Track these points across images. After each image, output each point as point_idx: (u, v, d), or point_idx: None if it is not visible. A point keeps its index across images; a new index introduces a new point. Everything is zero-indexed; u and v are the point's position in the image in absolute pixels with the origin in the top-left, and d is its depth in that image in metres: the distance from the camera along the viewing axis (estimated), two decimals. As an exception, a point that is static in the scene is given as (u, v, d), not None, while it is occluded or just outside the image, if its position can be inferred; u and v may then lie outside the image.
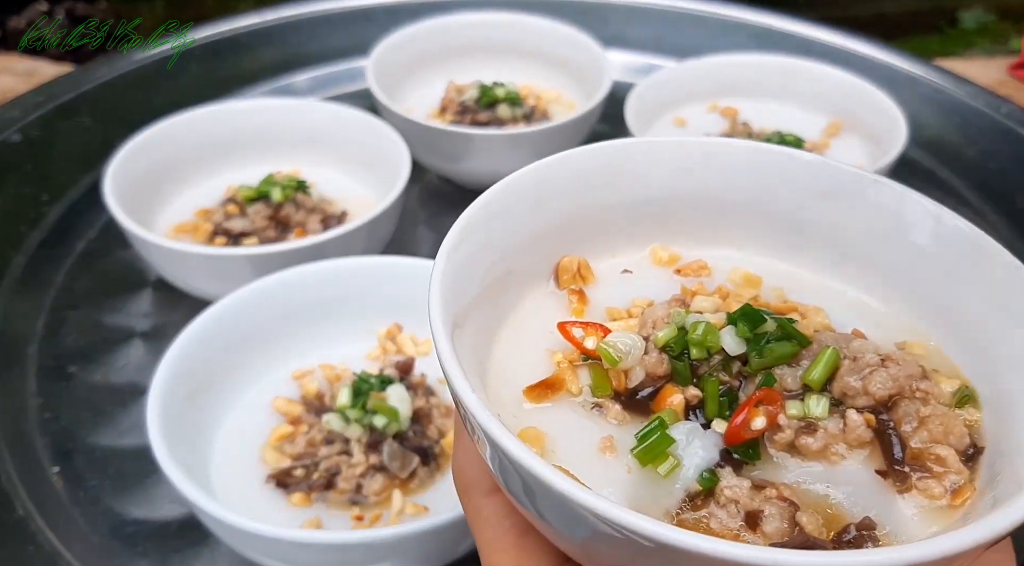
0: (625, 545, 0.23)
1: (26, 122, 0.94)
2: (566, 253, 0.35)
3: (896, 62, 1.08)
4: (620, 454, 0.29)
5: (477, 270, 0.32)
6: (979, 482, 0.30)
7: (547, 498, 0.24)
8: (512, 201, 0.33)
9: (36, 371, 0.71)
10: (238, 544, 0.51)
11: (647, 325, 0.33)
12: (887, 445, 0.30)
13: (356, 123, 0.85)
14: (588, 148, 0.35)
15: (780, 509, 0.28)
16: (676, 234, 0.37)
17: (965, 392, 0.32)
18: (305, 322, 0.65)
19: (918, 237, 0.34)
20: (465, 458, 0.33)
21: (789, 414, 0.30)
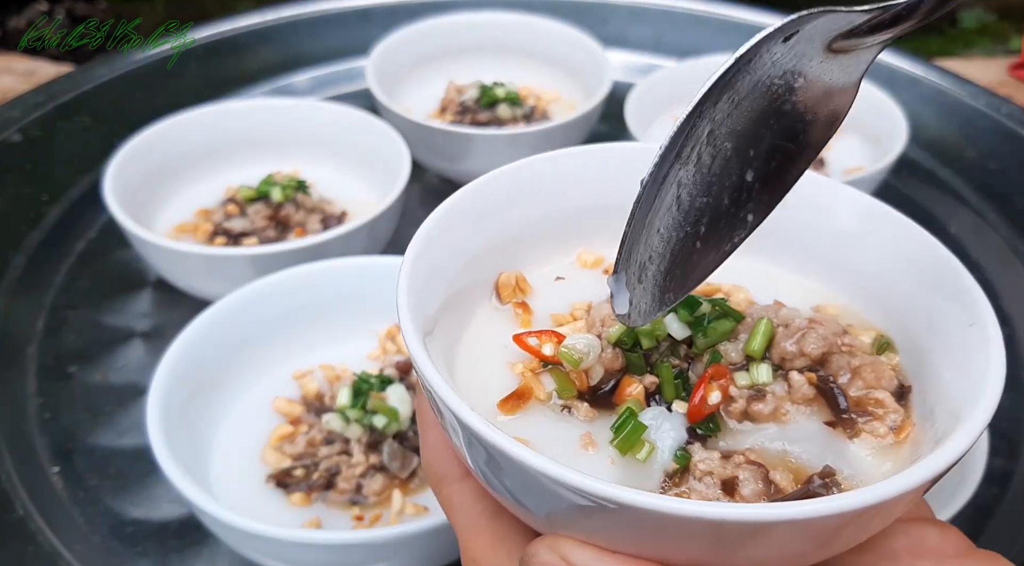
0: (585, 511, 0.25)
1: (26, 122, 0.94)
2: (502, 269, 0.37)
3: (896, 62, 1.08)
4: (600, 447, 0.31)
5: (434, 290, 0.33)
6: (915, 416, 0.33)
7: (512, 470, 0.26)
8: (456, 222, 0.34)
9: (36, 371, 0.71)
10: (238, 544, 0.51)
11: (596, 325, 0.34)
12: (831, 398, 0.32)
13: (356, 123, 0.85)
14: (513, 166, 0.36)
15: (752, 472, 0.30)
16: (599, 237, 0.39)
17: (882, 340, 0.35)
18: (305, 322, 0.65)
19: (820, 210, 0.37)
20: (433, 452, 0.34)
21: (739, 385, 0.32)
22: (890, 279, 0.36)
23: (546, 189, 0.37)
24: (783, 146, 0.29)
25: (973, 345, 0.31)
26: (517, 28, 1.04)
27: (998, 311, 0.92)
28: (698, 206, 0.29)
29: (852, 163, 0.89)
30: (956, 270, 0.33)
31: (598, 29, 1.03)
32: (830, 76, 0.28)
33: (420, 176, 0.93)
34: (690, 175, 0.28)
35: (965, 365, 0.31)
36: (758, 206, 0.29)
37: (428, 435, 0.34)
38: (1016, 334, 0.78)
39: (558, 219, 0.38)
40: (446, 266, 0.34)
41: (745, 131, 0.28)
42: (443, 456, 0.33)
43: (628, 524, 0.25)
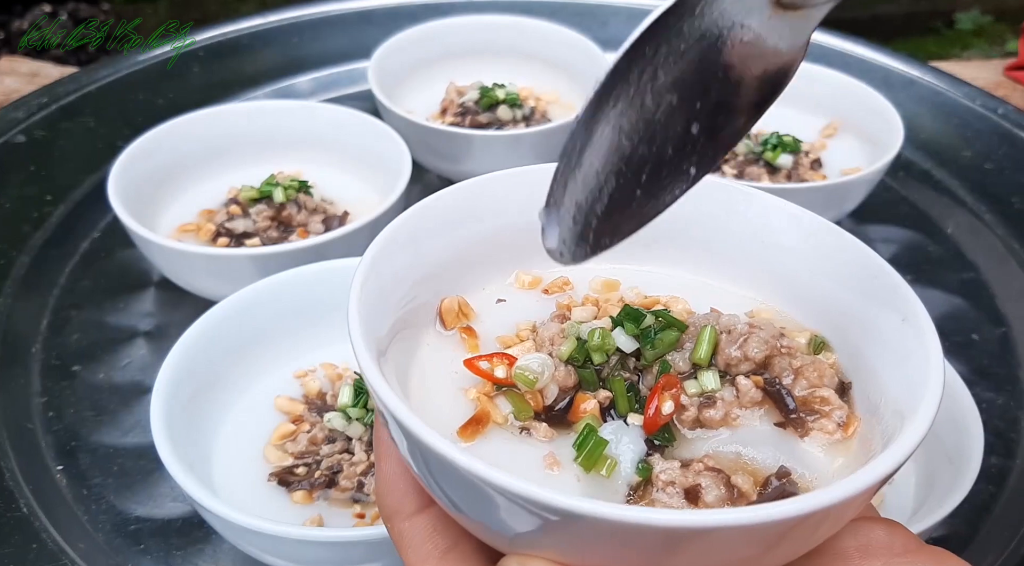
0: (551, 526, 0.25)
1: (30, 123, 0.95)
2: (444, 294, 0.37)
3: (893, 63, 1.09)
4: (565, 466, 0.31)
5: (383, 315, 0.33)
6: (859, 411, 0.34)
7: (474, 490, 0.26)
8: (398, 246, 0.34)
9: (40, 370, 0.72)
10: (240, 542, 0.52)
11: (545, 344, 0.34)
12: (778, 400, 0.33)
13: (357, 124, 0.86)
14: (449, 190, 0.36)
15: (713, 479, 0.30)
16: (534, 257, 0.38)
17: (817, 340, 0.36)
18: (307, 322, 0.66)
19: (748, 221, 0.38)
20: (385, 485, 0.33)
21: (689, 393, 0.33)
22: (819, 282, 0.37)
23: (482, 211, 0.37)
24: (729, 101, 0.28)
25: (908, 340, 0.32)
26: (517, 30, 1.04)
27: (994, 311, 0.93)
28: (640, 153, 0.28)
29: (849, 164, 0.89)
30: (883, 269, 0.34)
31: (597, 31, 1.04)
32: (778, 34, 0.27)
33: (421, 177, 0.93)
34: (633, 121, 0.27)
35: (903, 361, 0.32)
36: (702, 160, 0.29)
37: (382, 467, 0.34)
38: (1011, 333, 0.79)
39: (494, 241, 0.38)
40: (391, 291, 0.34)
41: (691, 82, 0.27)
42: (396, 489, 0.33)
43: (589, 536, 0.25)
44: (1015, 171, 0.96)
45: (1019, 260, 0.86)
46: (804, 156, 0.88)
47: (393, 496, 0.33)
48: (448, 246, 0.36)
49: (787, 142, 0.87)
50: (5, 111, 0.95)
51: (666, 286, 0.39)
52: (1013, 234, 0.89)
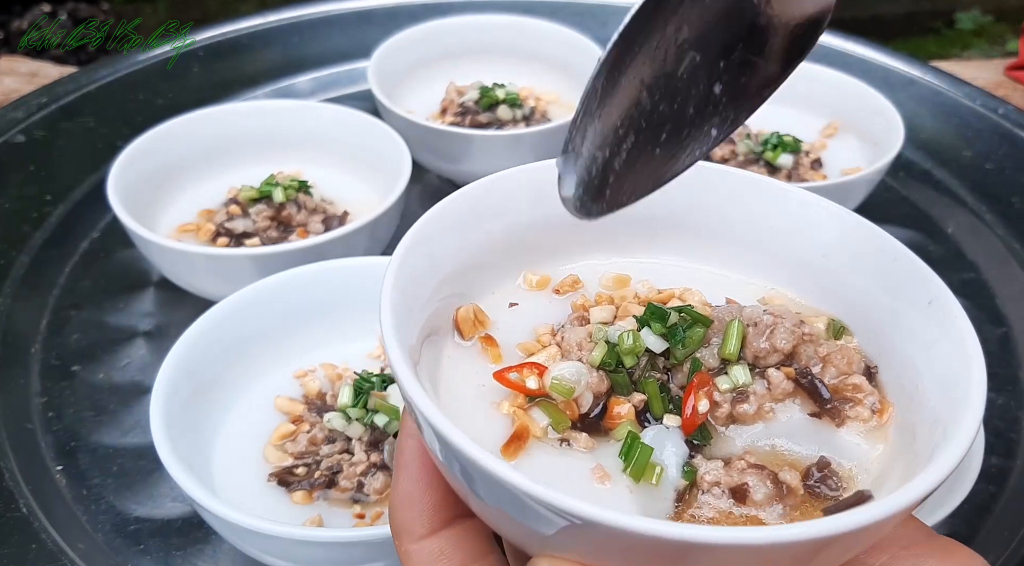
0: (580, 535, 0.25)
1: (30, 123, 0.95)
2: (456, 304, 0.36)
3: (893, 63, 1.09)
4: (615, 478, 0.31)
5: (411, 327, 0.32)
6: (890, 395, 0.33)
7: (507, 497, 0.26)
8: (418, 262, 0.33)
9: (39, 370, 0.72)
10: (240, 542, 0.52)
11: (573, 349, 0.34)
12: (812, 390, 0.33)
13: (357, 124, 0.86)
14: (456, 195, 0.35)
15: (759, 476, 0.30)
16: (539, 255, 0.38)
17: (836, 324, 0.35)
18: (307, 322, 0.66)
19: (752, 206, 0.38)
20: (399, 503, 0.33)
21: (721, 389, 0.32)
22: (832, 266, 0.36)
23: (485, 213, 0.36)
24: (753, 61, 0.28)
25: (937, 324, 0.32)
26: (517, 30, 1.04)
27: (994, 311, 0.93)
28: (661, 111, 0.27)
29: (849, 163, 0.89)
30: (903, 252, 0.34)
31: (597, 31, 1.04)
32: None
33: (421, 177, 0.93)
34: (655, 74, 0.27)
35: (933, 345, 0.32)
36: (723, 122, 0.28)
37: (400, 482, 0.33)
38: (1012, 333, 0.79)
39: (498, 242, 0.37)
40: (415, 301, 0.33)
41: (715, 39, 0.27)
42: (410, 509, 0.32)
43: (617, 546, 0.25)
44: (1015, 171, 0.96)
45: (1019, 260, 0.86)
46: (804, 156, 0.88)
47: (406, 515, 0.32)
48: (458, 252, 0.35)
49: (787, 142, 0.87)
50: (5, 111, 0.95)
51: (676, 278, 0.39)
52: (1013, 234, 0.89)
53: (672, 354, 0.33)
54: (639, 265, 0.40)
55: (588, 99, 0.27)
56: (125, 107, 1.00)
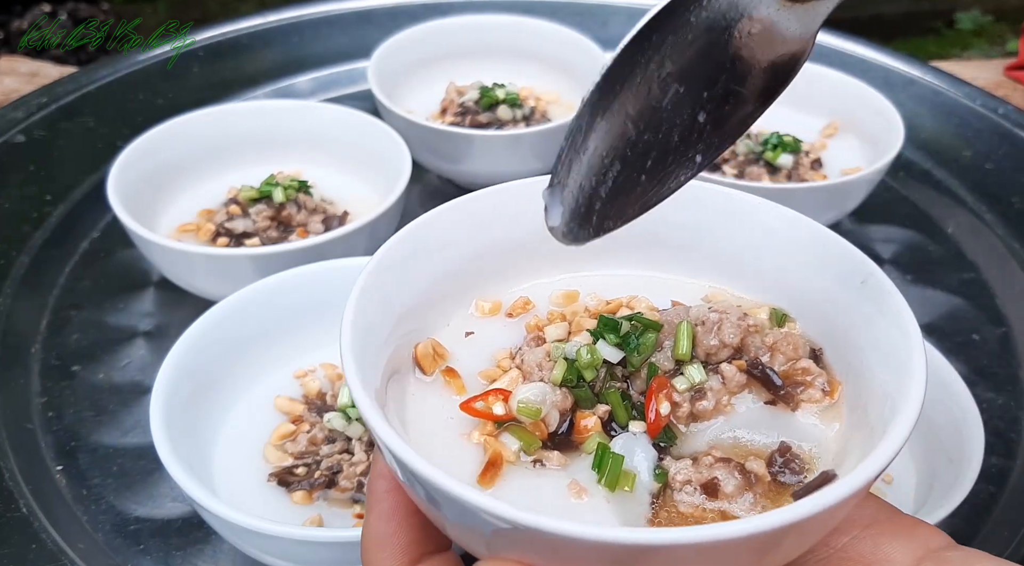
0: (530, 543, 0.25)
1: (30, 123, 0.95)
2: (413, 340, 0.36)
3: (893, 63, 1.09)
4: (591, 491, 0.31)
5: (375, 366, 0.33)
6: (838, 375, 0.35)
7: (449, 503, 0.26)
8: (373, 305, 0.33)
9: (40, 370, 0.72)
10: (240, 542, 0.52)
11: (534, 371, 0.34)
12: (764, 378, 0.34)
13: (357, 124, 0.86)
14: (398, 235, 0.35)
15: (727, 469, 0.31)
16: (488, 281, 0.39)
17: (778, 313, 0.37)
18: (307, 322, 0.66)
19: (686, 208, 0.39)
20: (369, 542, 0.33)
21: (680, 390, 0.33)
22: (768, 259, 0.38)
23: (433, 246, 0.37)
24: (736, 91, 0.29)
25: (872, 301, 0.33)
26: (517, 30, 1.04)
27: (994, 311, 0.92)
28: (646, 140, 0.28)
29: (849, 163, 0.89)
30: (833, 238, 0.35)
31: (597, 31, 1.04)
32: (786, 25, 0.28)
33: (421, 177, 0.93)
34: (639, 108, 0.28)
35: (872, 321, 0.33)
36: (707, 148, 0.29)
37: (371, 522, 0.33)
38: (1012, 333, 0.79)
39: (448, 274, 0.37)
40: (375, 342, 0.33)
41: (698, 71, 0.28)
42: (382, 549, 0.33)
43: (556, 550, 0.25)
44: (1015, 171, 0.96)
45: (1019, 260, 0.86)
46: (804, 156, 0.88)
47: (377, 556, 0.33)
48: (409, 289, 0.36)
49: (787, 142, 0.87)
50: (5, 111, 0.95)
51: (622, 287, 0.40)
52: (1013, 234, 0.89)
53: (628, 362, 0.34)
54: (586, 279, 0.40)
55: (573, 135, 0.28)
56: (125, 107, 1.00)
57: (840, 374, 0.35)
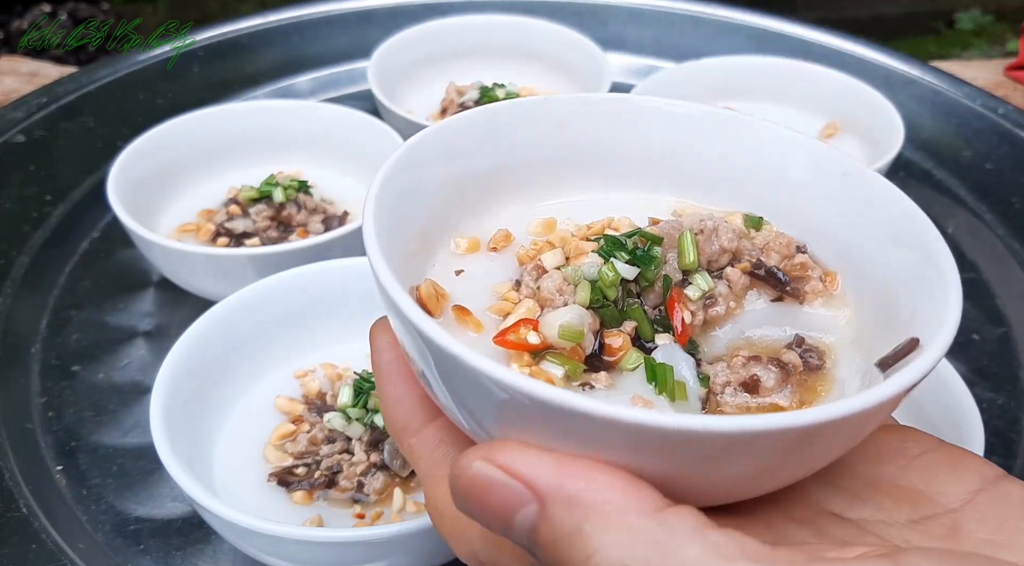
0: (538, 418, 0.25)
1: (29, 123, 0.95)
2: (410, 282, 0.35)
3: (893, 63, 1.09)
4: (654, 403, 0.31)
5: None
6: (830, 265, 0.36)
7: (459, 373, 0.26)
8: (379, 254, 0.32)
9: (39, 370, 0.72)
10: (240, 542, 0.52)
11: (555, 297, 0.34)
12: (770, 277, 0.35)
13: (357, 124, 0.86)
14: (379, 183, 0.35)
15: (762, 365, 0.33)
16: (460, 218, 0.38)
17: (752, 218, 0.38)
18: (307, 322, 0.66)
19: (645, 127, 0.39)
20: (390, 406, 0.34)
21: (693, 299, 0.34)
22: (733, 164, 0.38)
23: (415, 185, 0.36)
24: None
25: (852, 192, 0.35)
26: (517, 30, 1.04)
27: (994, 311, 0.92)
28: None
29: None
30: (796, 138, 0.36)
31: (597, 31, 1.04)
32: None
33: (421, 177, 0.93)
34: None
35: (862, 210, 0.34)
36: None
37: (386, 389, 0.34)
38: (1012, 333, 0.79)
39: (429, 213, 0.36)
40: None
41: None
42: (401, 408, 0.33)
43: (570, 428, 0.25)
44: (1015, 171, 0.96)
45: (1019, 260, 0.86)
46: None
47: (399, 414, 0.33)
48: (402, 235, 0.35)
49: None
50: (4, 111, 0.95)
51: (594, 210, 0.39)
52: (1013, 234, 0.89)
53: (643, 277, 0.34)
54: (556, 206, 0.40)
55: None
56: (125, 107, 1.00)
57: (832, 264, 0.36)
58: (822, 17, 1.28)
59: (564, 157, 0.39)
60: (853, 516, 0.29)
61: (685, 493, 0.26)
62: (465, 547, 0.31)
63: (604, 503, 0.24)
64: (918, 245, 0.32)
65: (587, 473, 0.25)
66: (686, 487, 0.27)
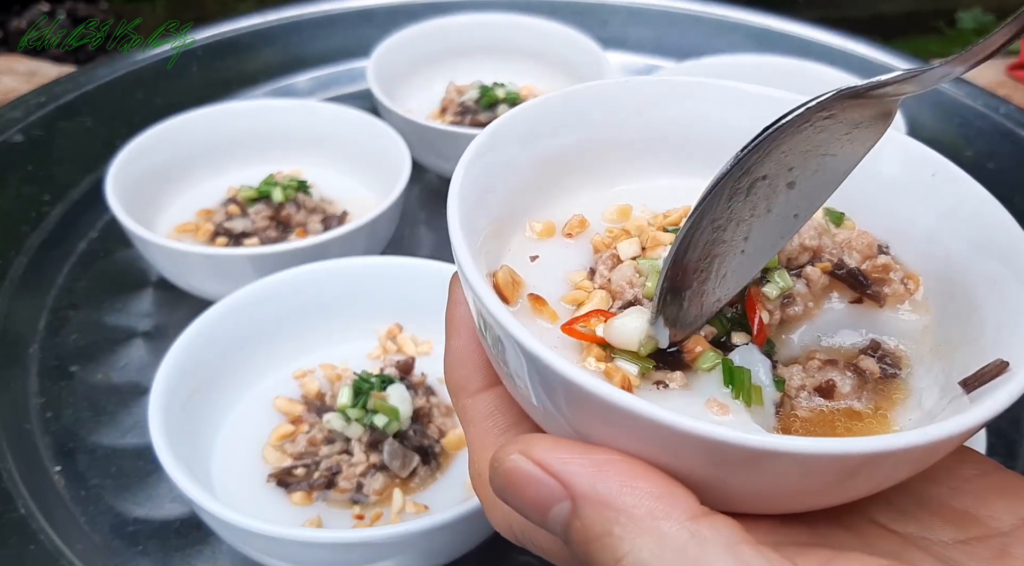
0: (597, 412, 0.25)
1: (28, 122, 0.94)
2: (488, 268, 0.34)
3: (894, 63, 1.09)
4: (732, 409, 0.30)
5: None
6: (911, 268, 0.35)
7: (533, 366, 0.26)
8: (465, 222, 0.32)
9: (38, 371, 0.71)
10: (239, 543, 0.52)
11: (625, 290, 0.33)
12: (851, 278, 0.33)
13: (357, 124, 0.86)
14: (459, 167, 0.34)
15: (838, 370, 0.31)
16: (534, 202, 0.37)
17: (834, 213, 0.36)
18: (306, 322, 0.66)
19: (727, 116, 0.38)
20: (453, 361, 0.34)
21: (771, 298, 0.33)
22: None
23: (496, 169, 0.35)
24: (827, 156, 0.31)
25: (948, 190, 0.33)
26: (517, 29, 1.04)
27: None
28: (739, 236, 0.30)
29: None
30: (888, 133, 0.35)
31: (597, 30, 1.04)
32: (857, 139, 0.31)
33: (420, 176, 0.93)
34: (728, 219, 0.29)
35: (953, 211, 0.33)
36: (806, 208, 0.31)
37: (452, 342, 0.34)
38: (1014, 334, 0.78)
39: (502, 198, 0.36)
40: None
41: (795, 183, 0.30)
42: (464, 367, 0.33)
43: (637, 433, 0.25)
44: (1017, 170, 0.95)
45: (1021, 260, 0.86)
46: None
47: (460, 373, 0.33)
48: (480, 221, 0.34)
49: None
50: (3, 111, 0.95)
51: (669, 197, 0.38)
52: (1015, 234, 0.89)
53: None
54: (630, 192, 0.39)
55: (665, 276, 0.29)
56: (124, 107, 1.00)
57: (915, 267, 0.34)
58: (822, 16, 1.27)
59: (640, 141, 0.38)
60: (899, 530, 0.28)
61: (727, 502, 0.26)
62: (502, 518, 0.31)
63: (636, 508, 0.24)
64: (1006, 257, 0.30)
65: (622, 476, 0.25)
66: (730, 496, 0.26)
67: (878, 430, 0.31)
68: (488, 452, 0.30)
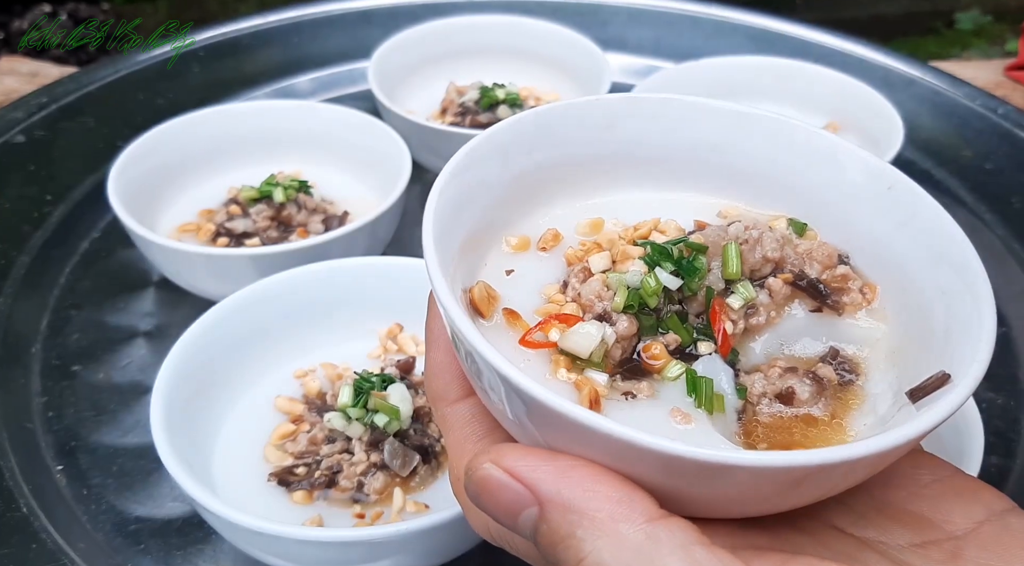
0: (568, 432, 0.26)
1: (30, 123, 0.95)
2: (462, 286, 0.35)
3: (893, 63, 1.09)
4: (694, 417, 0.31)
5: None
6: (870, 278, 0.36)
7: (495, 381, 0.28)
8: (439, 242, 0.33)
9: (40, 370, 0.72)
10: (240, 542, 0.52)
11: (594, 303, 0.34)
12: (811, 288, 0.35)
13: (357, 124, 0.86)
14: (440, 184, 0.34)
15: (798, 377, 0.33)
16: (509, 216, 0.38)
17: (797, 223, 0.37)
18: (307, 322, 0.66)
19: (696, 128, 0.39)
20: (432, 371, 0.35)
21: (735, 309, 0.34)
22: (778, 171, 0.38)
23: (469, 187, 0.35)
24: None
25: (903, 204, 0.35)
26: (517, 30, 1.05)
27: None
28: None
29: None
30: (846, 147, 0.36)
31: (597, 31, 1.04)
32: None
33: (421, 177, 0.93)
34: None
35: (906, 224, 0.34)
36: None
37: (432, 354, 0.35)
38: (1012, 333, 0.79)
39: (483, 212, 0.36)
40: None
41: None
42: (442, 377, 0.35)
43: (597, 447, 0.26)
44: (1015, 171, 0.96)
45: (1019, 260, 0.86)
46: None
47: (439, 383, 0.35)
48: (455, 237, 0.35)
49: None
50: (5, 111, 0.95)
51: (641, 210, 0.39)
52: (1013, 234, 0.89)
53: (687, 286, 0.34)
54: (603, 206, 0.40)
55: None
56: (125, 107, 1.00)
57: (873, 277, 0.36)
58: (822, 17, 1.28)
59: (612, 157, 0.39)
60: (857, 533, 0.29)
61: (686, 507, 0.27)
62: (480, 521, 0.32)
63: (598, 511, 0.26)
64: (957, 267, 0.32)
65: (585, 482, 0.26)
66: (688, 501, 0.27)
67: (832, 436, 0.32)
68: (466, 458, 0.31)
